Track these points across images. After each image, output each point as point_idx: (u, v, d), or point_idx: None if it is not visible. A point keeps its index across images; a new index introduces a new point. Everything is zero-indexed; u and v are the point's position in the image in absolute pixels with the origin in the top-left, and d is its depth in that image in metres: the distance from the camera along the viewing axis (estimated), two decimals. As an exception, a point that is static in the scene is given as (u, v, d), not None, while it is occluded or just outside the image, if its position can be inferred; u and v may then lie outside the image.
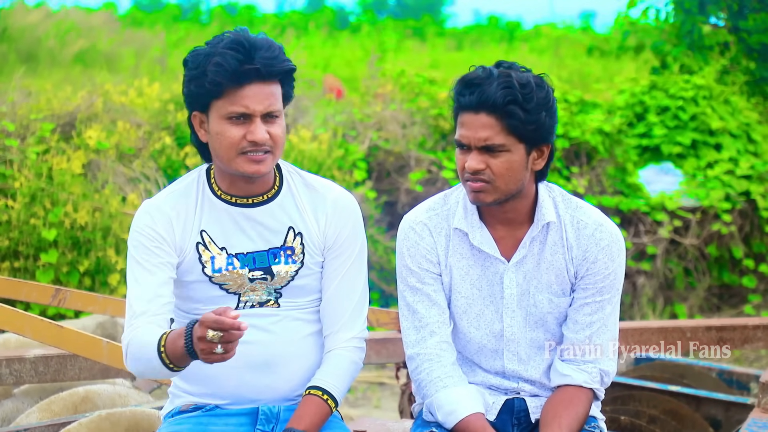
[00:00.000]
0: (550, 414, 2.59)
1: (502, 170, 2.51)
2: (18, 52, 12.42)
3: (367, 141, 7.81)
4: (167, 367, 2.30)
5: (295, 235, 2.56)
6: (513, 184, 2.54)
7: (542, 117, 2.49)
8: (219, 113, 2.44)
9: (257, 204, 2.55)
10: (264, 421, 2.57)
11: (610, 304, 2.65)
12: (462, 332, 2.70)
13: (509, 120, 2.47)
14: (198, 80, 2.42)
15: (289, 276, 2.56)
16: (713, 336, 4.05)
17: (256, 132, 2.43)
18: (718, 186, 7.74)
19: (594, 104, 8.40)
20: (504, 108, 2.46)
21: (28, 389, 4.02)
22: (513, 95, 2.45)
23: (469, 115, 2.51)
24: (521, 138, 2.50)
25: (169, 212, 2.53)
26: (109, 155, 6.88)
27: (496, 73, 2.49)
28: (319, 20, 22.93)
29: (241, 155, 2.45)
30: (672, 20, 9.82)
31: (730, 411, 3.92)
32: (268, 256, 2.55)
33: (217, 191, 2.56)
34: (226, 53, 2.39)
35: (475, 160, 2.51)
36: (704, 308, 7.71)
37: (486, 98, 2.46)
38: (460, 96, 2.52)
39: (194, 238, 2.53)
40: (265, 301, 2.57)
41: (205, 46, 2.46)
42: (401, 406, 3.90)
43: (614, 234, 2.64)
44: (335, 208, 2.59)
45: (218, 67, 2.39)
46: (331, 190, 2.62)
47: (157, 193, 2.62)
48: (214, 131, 2.46)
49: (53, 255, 6.09)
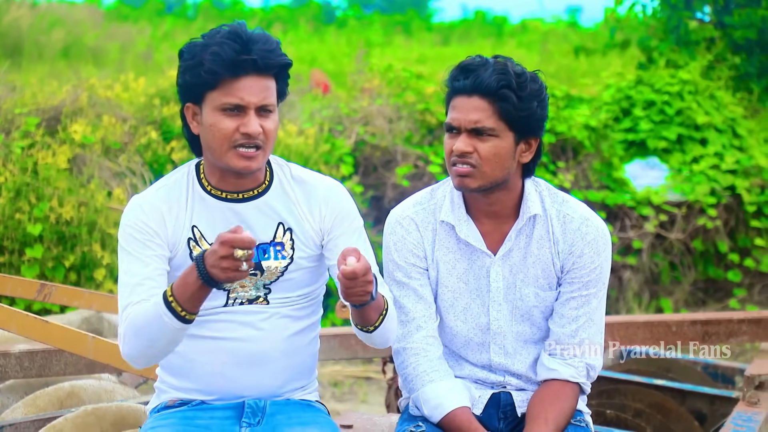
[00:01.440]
0: (536, 408, 2.60)
1: (489, 155, 2.52)
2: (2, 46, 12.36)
3: (354, 136, 7.80)
4: (179, 317, 2.29)
5: (284, 231, 2.56)
6: (499, 171, 2.55)
7: (534, 106, 2.51)
8: (213, 104, 2.43)
9: (247, 199, 2.55)
10: (250, 414, 2.56)
11: (596, 298, 2.65)
12: (448, 326, 2.71)
13: (501, 104, 2.49)
14: (193, 70, 2.41)
15: (279, 272, 2.56)
16: (698, 330, 4.07)
17: (249, 124, 2.42)
18: (703, 180, 7.77)
19: (580, 99, 8.42)
20: (497, 92, 2.48)
21: (13, 384, 4.00)
22: (507, 81, 2.48)
23: (462, 98, 2.53)
24: (511, 125, 2.52)
25: (161, 206, 2.51)
26: (94, 150, 6.86)
27: (492, 61, 2.53)
28: (305, 15, 22.89)
29: (233, 149, 2.44)
30: (658, 16, 9.85)
31: (715, 404, 3.94)
32: (258, 252, 2.54)
33: (207, 186, 2.54)
34: (223, 43, 2.39)
35: (464, 142, 2.52)
36: (690, 302, 7.75)
37: (480, 82, 2.49)
38: (455, 81, 2.54)
39: (186, 233, 2.52)
40: (255, 298, 2.56)
41: (201, 38, 2.46)
42: (388, 400, 3.90)
43: (600, 228, 2.65)
44: (327, 199, 2.59)
45: (215, 56, 2.38)
46: (322, 181, 2.62)
47: (146, 189, 2.60)
48: (208, 123, 2.44)
49: (38, 250, 6.07)
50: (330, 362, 6.19)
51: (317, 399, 2.71)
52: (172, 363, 2.60)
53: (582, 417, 2.69)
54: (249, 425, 2.55)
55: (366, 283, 2.27)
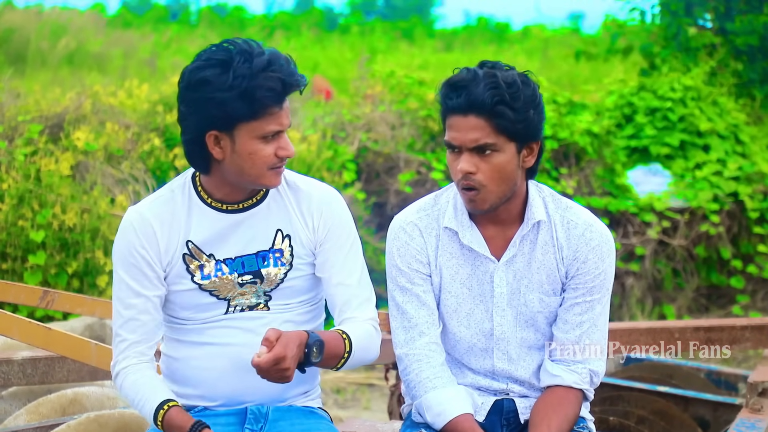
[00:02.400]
0: (539, 415, 2.59)
1: (494, 173, 2.52)
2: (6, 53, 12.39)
3: (357, 142, 7.81)
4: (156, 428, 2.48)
5: (283, 238, 2.56)
6: (506, 185, 2.55)
7: (530, 114, 2.50)
8: (252, 134, 2.41)
9: (246, 208, 2.55)
10: (252, 420, 2.56)
11: (600, 304, 2.65)
12: (451, 332, 2.70)
13: (498, 120, 2.48)
14: (233, 103, 2.36)
15: (278, 278, 2.56)
16: (701, 337, 4.06)
17: (288, 147, 2.45)
18: (706, 187, 7.77)
19: (583, 105, 8.42)
20: (492, 108, 2.47)
21: (15, 391, 4.00)
22: (500, 95, 2.46)
23: (457, 117, 2.51)
24: (511, 137, 2.51)
25: (153, 224, 2.51)
26: (97, 157, 6.86)
27: (481, 74, 2.49)
28: (307, 21, 22.92)
29: (270, 170, 2.45)
30: (658, 22, 9.85)
31: (719, 411, 3.93)
32: (257, 260, 2.55)
33: (207, 199, 2.54)
34: (271, 77, 2.37)
35: (467, 162, 2.52)
36: (692, 309, 7.74)
37: (473, 100, 2.47)
38: (447, 99, 2.52)
39: (180, 249, 2.52)
40: (255, 305, 2.56)
41: (218, 61, 2.38)
42: (390, 407, 3.90)
43: (604, 234, 2.65)
44: (320, 205, 2.59)
45: (270, 91, 2.37)
46: (315, 187, 2.62)
47: (143, 200, 2.60)
48: (245, 151, 2.42)
49: (41, 257, 6.07)
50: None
51: (320, 406, 2.71)
52: (174, 371, 2.61)
53: (585, 424, 2.69)
54: (252, 431, 2.55)
55: (280, 371, 2.30)
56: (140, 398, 2.49)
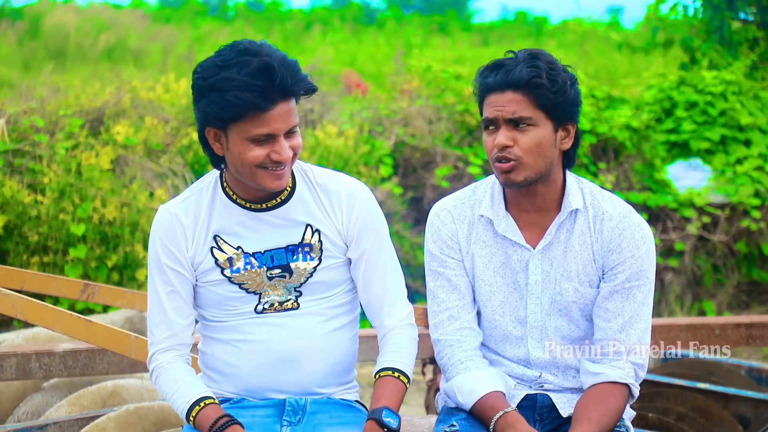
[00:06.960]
0: (581, 409, 2.56)
1: (530, 146, 2.52)
2: (47, 49, 12.53)
3: (394, 137, 7.80)
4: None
5: (312, 232, 2.57)
6: (542, 161, 2.54)
7: (568, 93, 2.53)
8: (241, 135, 2.41)
9: (271, 207, 2.56)
10: (291, 412, 2.58)
11: (641, 293, 2.62)
12: (487, 320, 2.70)
13: (536, 93, 2.49)
14: (218, 103, 2.37)
15: (308, 273, 2.57)
16: (742, 333, 4.01)
17: (282, 152, 2.42)
18: (747, 182, 7.67)
19: (622, 100, 8.35)
20: (529, 82, 2.49)
21: (57, 383, 4.05)
22: (538, 72, 2.49)
23: (495, 95, 2.53)
24: (548, 113, 2.52)
25: (183, 222, 2.55)
26: (136, 151, 6.92)
27: (522, 56, 2.53)
28: (345, 16, 22.92)
29: (263, 169, 2.44)
30: (701, 16, 9.74)
31: (760, 409, 3.89)
32: (286, 254, 2.56)
33: (232, 195, 2.56)
34: (251, 83, 2.35)
35: (504, 136, 2.52)
36: (733, 305, 7.65)
37: (512, 77, 2.50)
38: (486, 78, 2.55)
39: (208, 243, 2.55)
40: (285, 301, 2.58)
41: (217, 61, 2.40)
42: (427, 401, 3.90)
43: (639, 224, 2.63)
44: (349, 200, 2.60)
45: (243, 94, 2.34)
46: (342, 182, 2.62)
47: (174, 198, 2.64)
48: (236, 151, 2.43)
49: (82, 250, 6.14)
50: (369, 363, 6.19)
51: (357, 399, 2.72)
52: (211, 366, 2.64)
53: (622, 422, 2.66)
54: (290, 424, 2.56)
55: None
56: (173, 394, 2.53)
